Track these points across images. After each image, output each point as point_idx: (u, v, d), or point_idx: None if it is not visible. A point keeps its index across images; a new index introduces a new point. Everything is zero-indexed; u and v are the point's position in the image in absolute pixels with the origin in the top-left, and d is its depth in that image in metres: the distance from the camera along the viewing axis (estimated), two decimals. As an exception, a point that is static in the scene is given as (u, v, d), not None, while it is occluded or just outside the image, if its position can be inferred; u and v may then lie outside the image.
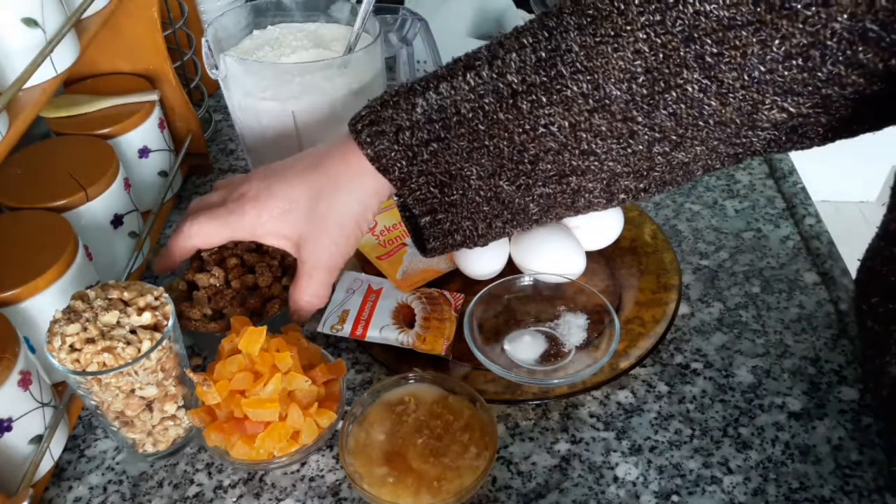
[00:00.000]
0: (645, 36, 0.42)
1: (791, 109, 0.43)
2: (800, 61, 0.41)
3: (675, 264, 0.65)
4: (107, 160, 0.65)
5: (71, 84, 0.74)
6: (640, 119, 0.45)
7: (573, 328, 0.61)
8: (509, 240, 0.66)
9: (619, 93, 0.44)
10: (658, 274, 0.65)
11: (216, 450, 0.52)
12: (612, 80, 0.44)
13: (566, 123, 0.46)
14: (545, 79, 0.45)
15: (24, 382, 0.50)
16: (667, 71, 0.43)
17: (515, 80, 0.46)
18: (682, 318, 0.64)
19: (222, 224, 0.54)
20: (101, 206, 0.63)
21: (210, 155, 0.84)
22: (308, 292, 0.55)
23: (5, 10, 0.51)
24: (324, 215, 0.53)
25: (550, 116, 0.46)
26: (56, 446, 0.55)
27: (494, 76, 0.47)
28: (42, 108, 0.54)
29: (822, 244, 0.69)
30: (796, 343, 0.62)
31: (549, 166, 0.48)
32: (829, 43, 0.40)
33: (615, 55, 0.43)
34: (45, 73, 0.54)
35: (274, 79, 0.66)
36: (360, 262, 0.69)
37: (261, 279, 0.61)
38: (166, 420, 0.53)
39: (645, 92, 0.44)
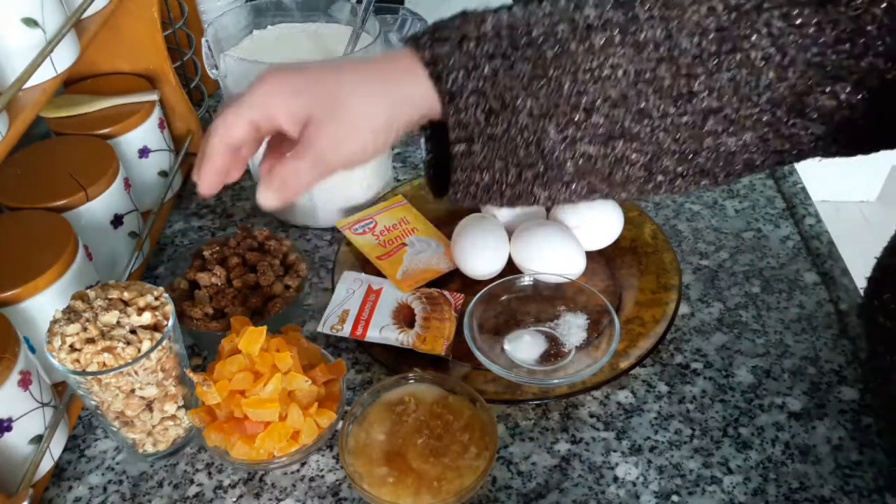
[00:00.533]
0: None
1: (840, 96, 0.45)
2: (847, 46, 0.42)
3: (675, 264, 0.65)
4: (107, 160, 0.65)
5: (71, 84, 0.74)
6: (702, 78, 0.46)
7: (573, 328, 0.61)
8: (509, 239, 0.66)
9: (688, 46, 0.45)
10: (658, 274, 0.65)
11: (216, 450, 0.52)
12: (685, 32, 0.45)
13: (632, 69, 0.46)
14: (622, 18, 0.46)
15: (24, 382, 0.50)
16: (736, 33, 0.44)
17: (592, 14, 0.46)
18: (682, 318, 0.64)
19: (241, 106, 0.48)
20: (101, 206, 0.63)
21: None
22: (290, 169, 0.47)
23: (5, 10, 0.51)
24: (347, 103, 0.47)
25: (619, 58, 0.46)
26: (56, 446, 0.55)
27: (572, 7, 0.46)
28: (42, 108, 0.54)
29: (822, 244, 0.69)
30: (796, 343, 0.62)
31: (601, 120, 0.47)
32: (869, 28, 0.42)
33: (691, 8, 0.45)
34: (45, 73, 0.54)
35: (274, 79, 0.66)
36: (360, 262, 0.69)
37: (262, 278, 0.61)
38: (166, 420, 0.53)
39: (713, 49, 0.45)
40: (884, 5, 0.41)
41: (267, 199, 0.48)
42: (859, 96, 0.44)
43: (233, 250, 0.64)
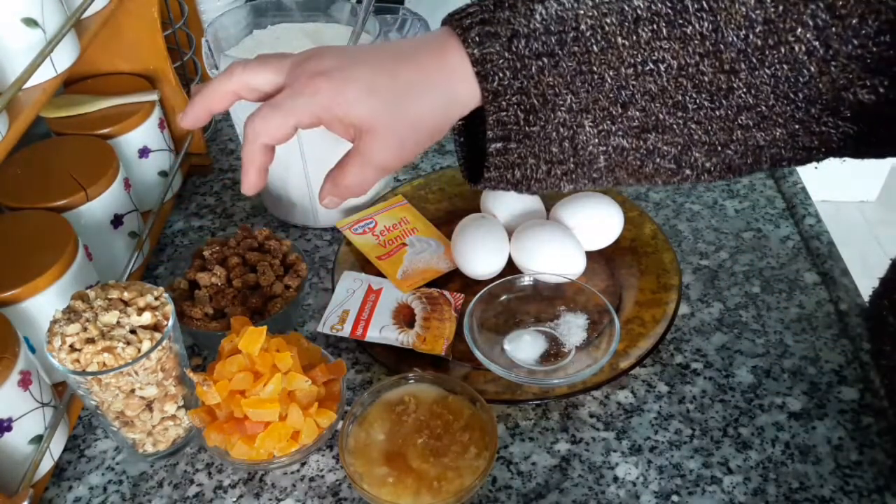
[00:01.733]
0: None
1: (880, 90, 0.44)
2: (888, 38, 0.42)
3: (675, 264, 0.65)
4: (107, 160, 0.65)
5: (71, 84, 0.74)
6: (743, 74, 0.45)
7: (573, 328, 0.61)
8: (509, 239, 0.66)
9: (734, 39, 0.44)
10: (658, 274, 0.65)
11: (216, 450, 0.52)
12: (733, 24, 0.44)
13: (675, 63, 0.45)
14: (670, 10, 0.45)
15: (24, 382, 0.50)
16: (783, 25, 0.44)
17: (641, 5, 0.45)
18: (682, 318, 0.64)
19: (290, 112, 0.47)
20: (101, 206, 0.63)
21: (210, 155, 0.84)
22: (360, 173, 0.48)
23: (5, 10, 0.51)
24: (405, 112, 0.47)
25: (665, 52, 0.45)
26: (56, 446, 0.55)
27: None
28: (42, 108, 0.54)
29: (822, 244, 0.70)
30: (796, 343, 0.62)
31: (637, 113, 0.47)
32: None
33: (739, 0, 0.44)
34: (45, 73, 0.54)
35: (274, 79, 0.66)
36: (360, 262, 0.69)
37: (262, 278, 0.61)
38: (166, 420, 0.53)
39: (759, 43, 0.44)
40: None
41: (331, 203, 0.50)
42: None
43: (233, 250, 0.64)
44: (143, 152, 0.72)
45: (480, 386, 0.57)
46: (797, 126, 0.47)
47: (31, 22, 0.52)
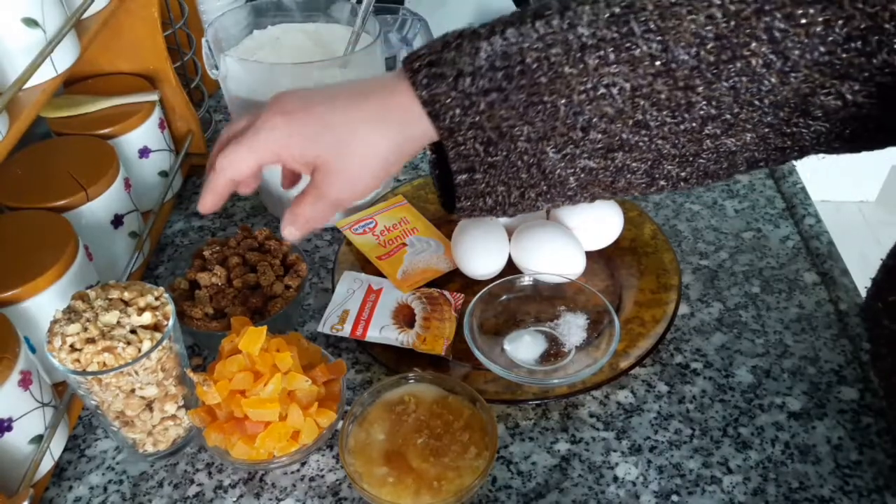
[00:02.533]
0: (720, 2, 0.43)
1: (847, 96, 0.44)
2: (859, 44, 0.41)
3: (675, 264, 0.65)
4: (107, 160, 0.65)
5: (71, 84, 0.74)
6: (700, 89, 0.45)
7: (573, 328, 0.61)
8: (509, 239, 0.66)
9: (686, 57, 0.44)
10: (658, 274, 0.65)
11: (216, 450, 0.52)
12: (682, 43, 0.44)
13: (627, 86, 0.45)
14: (616, 35, 0.44)
15: (25, 382, 0.50)
16: (736, 40, 0.43)
17: (586, 33, 0.45)
18: (681, 318, 0.64)
19: (250, 149, 0.50)
20: (102, 206, 0.63)
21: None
22: (314, 208, 0.51)
23: (5, 10, 0.51)
24: (354, 148, 0.49)
25: (614, 76, 0.45)
26: (56, 446, 0.55)
27: (565, 27, 0.45)
28: (42, 108, 0.54)
29: (822, 244, 0.70)
30: (796, 343, 0.62)
31: (599, 136, 0.47)
32: (886, 26, 0.40)
33: (688, 18, 0.43)
34: (46, 73, 0.54)
35: (274, 79, 0.66)
36: (360, 262, 0.69)
37: (262, 278, 0.62)
38: (166, 420, 0.53)
39: (712, 59, 0.44)
40: None
41: (291, 234, 0.52)
42: (867, 95, 0.43)
43: (233, 250, 0.64)
44: (144, 152, 0.72)
45: (480, 386, 0.57)
46: (767, 129, 0.46)
47: (31, 22, 0.52)
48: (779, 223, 0.73)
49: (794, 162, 0.79)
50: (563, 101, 0.46)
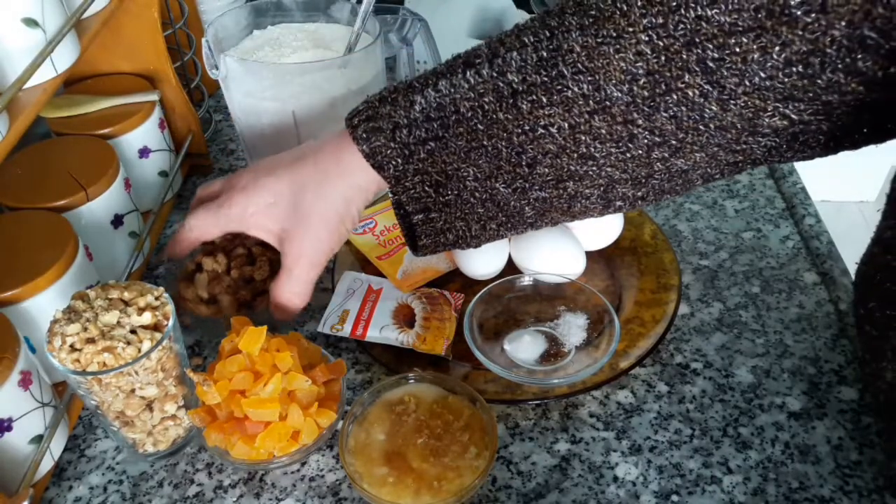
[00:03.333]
0: (647, 38, 0.42)
1: (792, 116, 0.43)
2: (800, 68, 0.40)
3: (675, 264, 0.65)
4: (107, 160, 0.65)
5: (71, 84, 0.74)
6: (640, 122, 0.45)
7: (573, 328, 0.61)
8: (509, 240, 0.66)
9: (619, 94, 0.44)
10: (658, 274, 0.65)
11: (216, 450, 0.52)
12: (614, 81, 0.44)
13: (566, 125, 0.46)
14: (546, 79, 0.45)
15: (25, 382, 0.50)
16: (668, 74, 0.43)
17: (516, 80, 0.46)
18: (681, 318, 0.64)
19: (216, 217, 0.56)
20: (102, 206, 0.63)
21: (210, 155, 0.84)
22: (287, 288, 0.55)
23: (5, 10, 0.51)
24: (307, 209, 0.52)
25: (550, 117, 0.46)
26: (56, 446, 0.55)
27: (495, 75, 0.46)
28: (42, 108, 0.54)
29: (822, 244, 0.70)
30: (796, 343, 0.62)
31: (546, 170, 0.48)
32: (828, 50, 0.40)
33: (617, 56, 0.43)
34: (46, 73, 0.54)
35: (274, 79, 0.66)
36: (360, 262, 0.69)
37: (257, 272, 0.62)
38: (166, 420, 0.53)
39: (646, 94, 0.43)
40: (843, 24, 0.39)
41: (281, 316, 0.57)
42: (814, 112, 0.43)
43: (242, 241, 0.64)
44: (144, 152, 0.72)
45: (480, 386, 0.57)
46: (716, 149, 0.46)
47: (31, 22, 0.52)
48: (779, 223, 0.73)
49: (794, 162, 0.79)
50: (503, 143, 0.47)
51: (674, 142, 0.46)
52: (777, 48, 0.40)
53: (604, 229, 0.67)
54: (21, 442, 0.51)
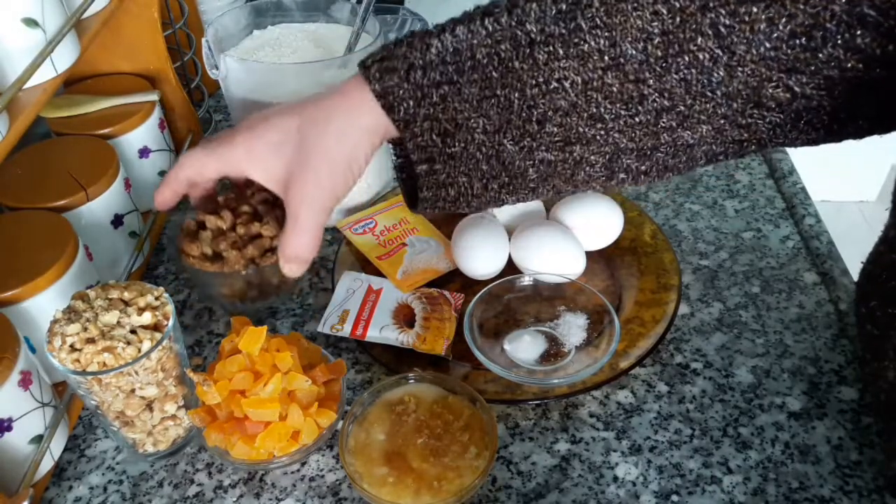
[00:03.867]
0: None
1: (795, 88, 0.44)
2: (803, 41, 0.42)
3: (675, 264, 0.65)
4: (107, 160, 0.65)
5: (71, 84, 0.74)
6: (651, 82, 0.45)
7: (573, 328, 0.61)
8: (509, 239, 0.66)
9: (634, 52, 0.44)
10: (658, 274, 0.65)
11: (216, 450, 0.52)
12: (629, 38, 0.44)
13: (579, 80, 0.46)
14: (563, 31, 0.45)
15: (25, 382, 0.50)
16: (682, 36, 0.43)
17: (534, 30, 0.46)
18: (681, 318, 0.64)
19: (213, 155, 0.52)
20: (102, 206, 0.63)
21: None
22: (295, 238, 0.51)
23: (5, 10, 0.51)
24: (311, 149, 0.50)
25: (565, 70, 0.46)
26: (56, 446, 0.55)
27: (513, 24, 0.46)
28: (42, 108, 0.54)
29: (822, 244, 0.70)
30: (796, 343, 0.62)
31: (555, 129, 0.48)
32: (828, 25, 0.41)
33: (634, 14, 0.44)
34: (46, 73, 0.54)
35: (274, 79, 0.66)
36: (360, 262, 0.69)
37: (265, 229, 0.60)
38: (166, 420, 0.53)
39: (659, 54, 0.44)
40: (843, 1, 0.40)
41: (291, 271, 0.53)
42: (815, 87, 0.44)
43: (247, 200, 0.63)
44: (144, 152, 0.72)
45: (480, 386, 0.57)
46: (722, 121, 0.47)
47: (31, 22, 0.52)
48: (779, 223, 0.73)
49: (794, 162, 0.79)
50: (516, 94, 0.47)
51: (682, 108, 0.46)
52: (783, 20, 0.42)
53: (604, 229, 0.67)
54: (21, 442, 0.51)
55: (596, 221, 0.67)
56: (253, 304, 0.64)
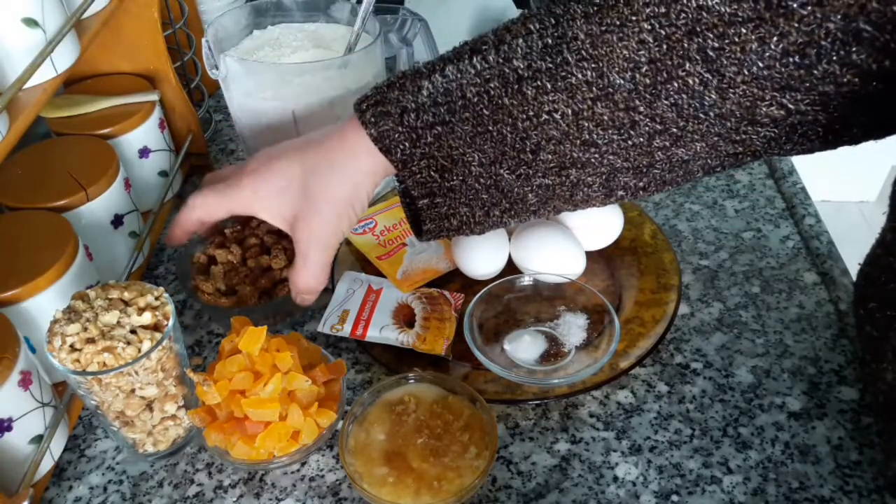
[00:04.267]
0: (650, 27, 0.43)
1: (790, 106, 0.44)
2: (797, 58, 0.41)
3: (675, 264, 0.65)
4: (107, 160, 0.65)
5: (71, 84, 0.74)
6: (641, 109, 0.45)
7: (573, 328, 0.61)
8: (509, 239, 0.66)
9: (622, 82, 0.44)
10: (658, 274, 0.65)
11: (216, 450, 0.52)
12: (616, 68, 0.44)
13: (569, 111, 0.46)
14: (551, 65, 0.46)
15: (25, 382, 0.50)
16: (670, 63, 0.43)
17: (521, 66, 0.46)
18: (681, 318, 0.64)
19: (222, 197, 0.55)
20: (102, 206, 0.63)
21: (210, 155, 0.84)
22: (305, 273, 0.55)
23: (5, 10, 0.51)
24: (315, 193, 0.53)
25: (554, 103, 0.46)
26: (56, 446, 0.55)
27: (500, 61, 0.47)
28: (42, 108, 0.54)
29: (822, 244, 0.70)
30: (796, 343, 0.62)
31: (549, 156, 0.48)
32: (823, 42, 0.40)
33: (620, 44, 0.44)
34: (46, 73, 0.54)
35: (274, 79, 0.66)
36: (360, 262, 0.69)
37: (274, 261, 0.62)
38: (166, 420, 0.53)
39: (648, 82, 0.44)
40: (838, 17, 0.39)
41: (304, 301, 0.57)
42: (811, 103, 0.44)
43: (252, 231, 0.64)
44: (144, 152, 0.72)
45: (480, 386, 0.57)
46: (716, 138, 0.47)
47: (31, 22, 0.52)
48: (779, 223, 0.73)
49: (794, 162, 0.79)
50: (507, 128, 0.48)
51: (674, 130, 0.46)
52: (775, 39, 0.41)
53: (604, 229, 0.67)
54: (21, 442, 0.51)
55: (596, 221, 0.67)
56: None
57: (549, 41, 0.46)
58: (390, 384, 0.55)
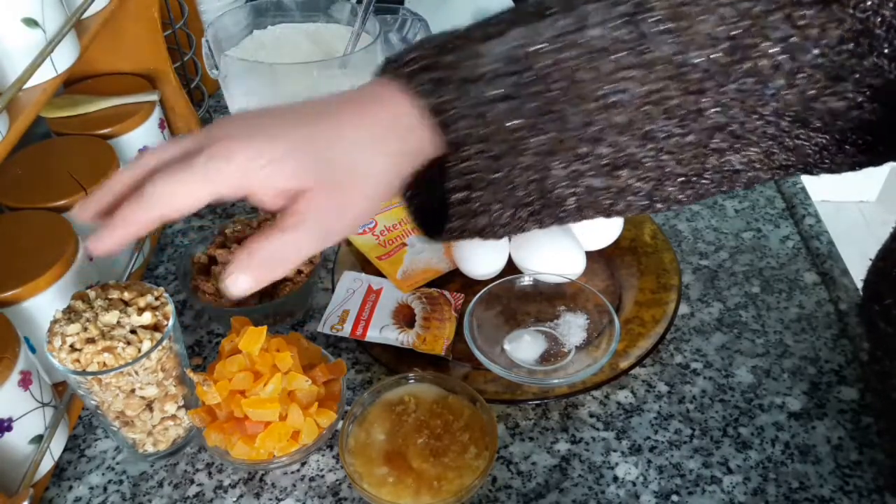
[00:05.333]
0: (729, 1, 0.42)
1: (848, 94, 0.44)
2: (850, 46, 0.41)
3: (675, 264, 0.65)
4: (107, 160, 0.65)
5: (71, 84, 0.74)
6: (710, 93, 0.43)
7: (573, 328, 0.61)
8: (509, 239, 0.66)
9: (699, 60, 0.42)
10: (658, 274, 0.65)
11: (216, 450, 0.52)
12: (696, 44, 0.42)
13: (641, 91, 0.42)
14: (630, 37, 0.41)
15: (25, 382, 0.50)
16: (748, 41, 0.42)
17: (597, 34, 0.41)
18: (681, 318, 0.64)
19: (199, 176, 0.38)
20: (102, 206, 0.63)
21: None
22: (281, 249, 0.39)
23: (5, 10, 0.51)
24: (348, 171, 0.40)
25: (628, 81, 0.42)
26: (56, 446, 0.55)
27: (573, 28, 0.41)
28: (42, 108, 0.54)
29: (822, 244, 0.70)
30: (796, 343, 0.62)
31: (606, 150, 0.44)
32: (877, 31, 0.40)
33: (699, 18, 0.41)
34: (46, 73, 0.54)
35: (274, 79, 0.66)
36: (360, 262, 0.69)
37: None
38: (166, 420, 0.53)
39: (723, 61, 0.42)
40: (891, 5, 0.40)
41: (241, 281, 0.39)
42: (860, 94, 0.44)
43: (254, 230, 0.64)
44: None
45: (480, 386, 0.57)
46: (771, 142, 0.46)
47: (31, 22, 0.52)
48: (779, 223, 0.73)
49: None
50: (574, 109, 0.42)
51: (734, 126, 0.44)
52: (834, 24, 0.41)
53: (604, 229, 0.67)
54: (21, 442, 0.51)
55: (596, 221, 0.66)
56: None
57: (623, 8, 0.41)
58: (390, 384, 0.55)
